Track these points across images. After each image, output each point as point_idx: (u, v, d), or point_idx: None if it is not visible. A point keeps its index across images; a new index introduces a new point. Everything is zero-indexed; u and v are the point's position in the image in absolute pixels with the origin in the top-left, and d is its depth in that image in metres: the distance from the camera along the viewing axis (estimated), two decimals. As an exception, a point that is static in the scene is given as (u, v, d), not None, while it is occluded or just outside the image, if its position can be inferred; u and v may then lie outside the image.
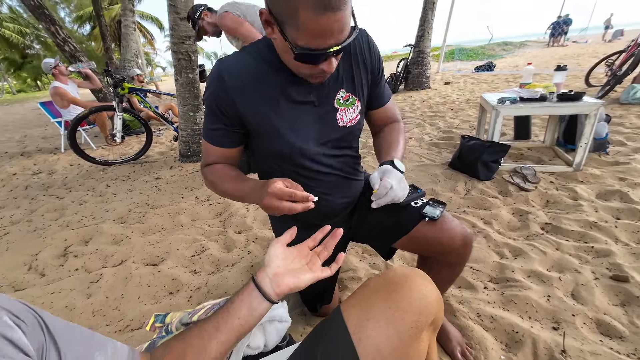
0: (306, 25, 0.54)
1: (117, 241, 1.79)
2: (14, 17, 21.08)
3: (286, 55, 0.65)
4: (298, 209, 0.64)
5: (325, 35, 0.56)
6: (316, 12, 0.52)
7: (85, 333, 0.43)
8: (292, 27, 0.56)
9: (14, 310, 0.36)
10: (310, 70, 0.65)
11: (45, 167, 3.37)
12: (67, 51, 4.71)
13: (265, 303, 0.51)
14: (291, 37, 0.58)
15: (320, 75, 0.67)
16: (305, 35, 0.56)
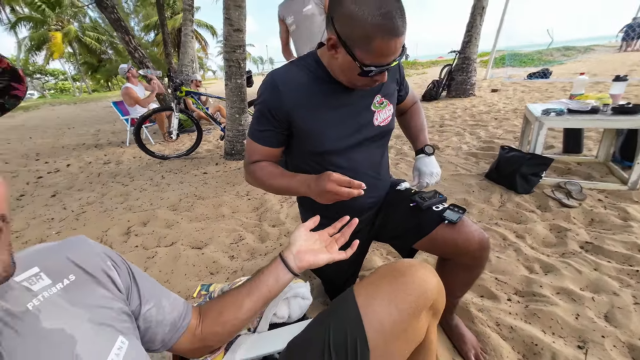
0: (377, 49, 0.68)
1: (169, 225, 2.05)
2: (94, 26, 24.23)
3: (346, 71, 0.77)
4: (354, 193, 0.74)
5: (389, 55, 0.70)
6: (387, 39, 0.66)
7: (155, 282, 0.58)
8: (363, 50, 0.69)
9: (113, 257, 0.52)
10: (367, 82, 0.78)
11: (113, 158, 3.89)
12: (136, 57, 5.36)
13: (288, 275, 0.63)
14: (359, 58, 0.70)
15: (370, 84, 0.80)
16: (374, 56, 0.70)
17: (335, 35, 0.71)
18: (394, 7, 0.64)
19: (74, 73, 33.95)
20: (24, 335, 0.35)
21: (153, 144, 4.44)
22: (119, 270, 0.51)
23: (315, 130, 0.86)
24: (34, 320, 0.37)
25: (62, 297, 0.41)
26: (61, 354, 0.37)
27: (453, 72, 6.22)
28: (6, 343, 0.34)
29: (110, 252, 0.52)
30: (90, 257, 0.48)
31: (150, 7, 19.36)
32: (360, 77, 0.75)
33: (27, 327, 0.36)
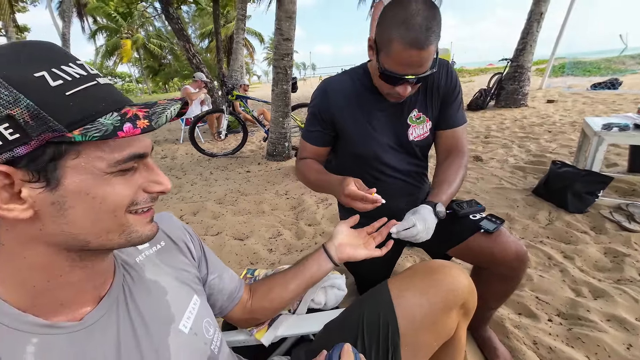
0: (394, 54, 0.73)
1: (215, 216, 2.24)
2: (157, 34, 26.90)
3: (375, 75, 0.85)
4: (368, 208, 0.77)
5: (406, 65, 0.74)
6: (404, 47, 0.71)
7: (217, 257, 0.69)
8: (385, 53, 0.76)
9: (190, 232, 0.63)
10: (388, 89, 0.83)
11: (169, 153, 4.31)
12: (194, 63, 5.88)
13: (330, 264, 0.70)
14: (381, 60, 0.78)
15: (396, 97, 0.84)
16: (391, 61, 0.75)
17: (372, 37, 0.79)
18: (422, 20, 0.68)
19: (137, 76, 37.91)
20: (136, 281, 0.47)
21: (203, 142, 4.83)
22: (194, 242, 0.62)
23: (352, 133, 0.95)
24: (140, 271, 0.49)
25: (157, 257, 0.53)
26: (158, 299, 0.48)
27: (503, 80, 5.89)
28: (128, 284, 0.46)
29: (188, 228, 0.63)
30: (175, 230, 0.59)
31: (207, 16, 21.02)
32: (383, 82, 0.81)
33: (137, 275, 0.48)
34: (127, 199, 0.36)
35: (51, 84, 0.30)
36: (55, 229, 0.33)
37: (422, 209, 0.80)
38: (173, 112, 0.36)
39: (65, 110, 0.30)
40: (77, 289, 0.39)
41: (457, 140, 0.97)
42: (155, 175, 0.40)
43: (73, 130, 0.30)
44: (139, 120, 0.33)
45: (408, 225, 0.76)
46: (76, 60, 0.34)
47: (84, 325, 0.39)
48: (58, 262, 0.36)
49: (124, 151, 0.35)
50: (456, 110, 0.96)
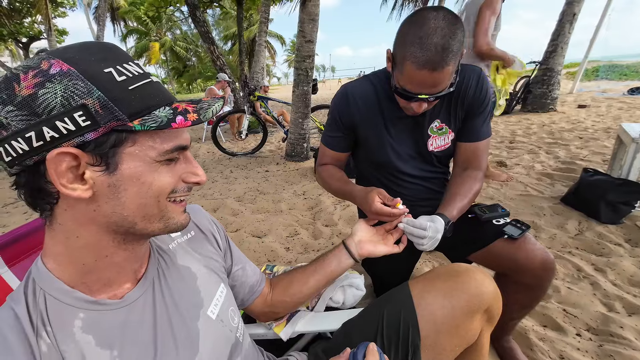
0: (406, 72, 0.73)
1: (235, 214, 2.29)
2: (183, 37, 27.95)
3: (392, 89, 0.84)
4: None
5: (417, 84, 0.73)
6: (417, 67, 0.69)
7: (239, 251, 0.71)
8: (398, 69, 0.76)
9: (217, 224, 0.65)
10: (405, 104, 0.82)
11: (192, 152, 4.26)
12: (218, 64, 6.05)
13: (350, 260, 0.71)
14: (395, 75, 0.78)
15: (411, 112, 0.82)
16: (403, 79, 0.75)
17: (391, 50, 0.78)
18: (439, 40, 0.65)
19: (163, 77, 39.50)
20: (169, 266, 0.50)
21: (224, 142, 4.96)
22: (220, 234, 0.64)
23: (371, 141, 0.95)
24: (173, 257, 0.51)
25: (188, 245, 0.55)
26: (189, 284, 0.50)
27: (531, 84, 5.66)
28: (162, 268, 0.49)
29: (215, 220, 0.66)
30: (204, 220, 0.62)
31: (231, 19, 21.59)
32: (397, 95, 0.80)
33: (170, 261, 0.50)
34: (169, 187, 0.40)
35: (117, 78, 0.34)
36: (108, 210, 0.37)
37: (437, 221, 0.77)
38: (217, 108, 0.40)
39: (128, 102, 0.34)
40: (119, 270, 0.43)
41: (477, 155, 0.92)
42: (193, 167, 0.43)
43: (134, 121, 0.34)
44: (189, 114, 0.37)
45: (419, 226, 0.74)
46: (133, 60, 0.38)
47: (125, 303, 0.42)
48: (106, 242, 0.39)
49: (172, 142, 0.38)
50: (481, 124, 0.90)
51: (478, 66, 0.94)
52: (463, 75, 0.85)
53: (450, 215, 0.82)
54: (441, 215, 0.81)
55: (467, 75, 0.86)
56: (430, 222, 0.77)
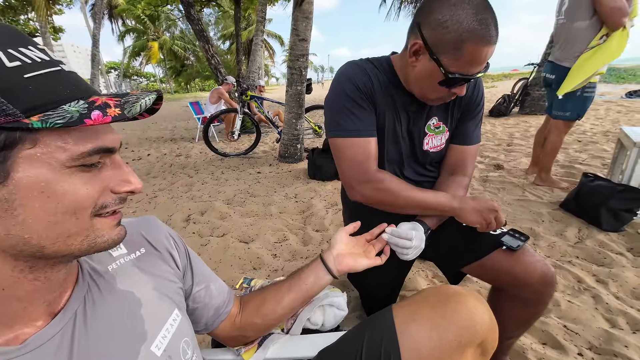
0: (467, 54, 0.65)
1: (223, 217, 2.21)
2: (182, 36, 27.82)
3: (423, 80, 0.72)
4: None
5: (479, 63, 0.67)
6: (480, 45, 0.63)
7: (206, 267, 0.63)
8: (451, 56, 0.66)
9: (176, 238, 0.57)
10: (443, 93, 0.73)
11: (184, 152, 4.36)
12: (212, 64, 5.97)
13: (328, 276, 0.63)
14: (445, 63, 0.67)
15: (444, 99, 0.75)
16: (461, 63, 0.66)
17: (421, 40, 0.69)
18: (490, 15, 0.63)
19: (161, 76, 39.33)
20: (104, 292, 0.41)
21: (217, 142, 4.87)
22: (179, 250, 0.56)
23: (385, 128, 0.82)
24: (112, 281, 0.43)
25: (134, 265, 0.47)
26: (131, 313, 0.42)
27: (529, 86, 5.61)
28: (92, 296, 0.40)
29: (173, 234, 0.58)
30: (158, 236, 0.53)
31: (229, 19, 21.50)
32: (438, 87, 0.71)
33: (106, 285, 0.42)
34: (89, 199, 0.32)
35: (7, 64, 0.27)
36: (1, 231, 0.29)
37: (419, 228, 0.75)
38: (148, 102, 0.33)
39: (23, 93, 0.27)
40: (26, 304, 0.34)
41: (465, 160, 0.88)
42: (123, 173, 0.36)
43: (31, 117, 0.27)
44: (110, 108, 0.30)
45: (405, 236, 0.71)
46: (37, 45, 0.31)
47: (27, 349, 0.33)
48: (2, 272, 0.31)
49: (90, 143, 0.31)
50: (474, 128, 0.87)
51: None
52: None
53: (430, 223, 0.80)
54: (421, 223, 0.79)
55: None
56: (414, 230, 0.74)
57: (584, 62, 1.91)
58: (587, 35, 1.88)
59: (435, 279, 1.42)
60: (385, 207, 0.81)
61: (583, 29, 1.90)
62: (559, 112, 2.15)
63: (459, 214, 0.78)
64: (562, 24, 2.05)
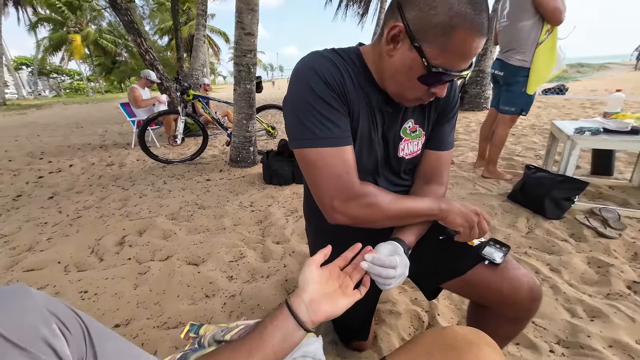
0: (456, 44, 0.54)
1: (166, 236, 1.91)
2: (110, 29, 24.88)
3: (400, 74, 0.60)
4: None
5: (467, 57, 0.56)
6: (474, 34, 0.53)
7: (122, 345, 0.43)
8: (437, 45, 0.54)
9: (62, 317, 0.37)
10: (421, 92, 0.62)
11: (117, 160, 3.80)
12: (147, 60, 5.34)
13: (300, 331, 0.48)
14: (428, 54, 0.55)
15: (423, 99, 0.65)
16: (448, 54, 0.55)
17: (402, 22, 0.56)
18: (485, 1, 0.54)
19: (89, 74, 34.80)
20: None
21: (158, 147, 4.35)
22: (68, 336, 0.36)
23: (359, 131, 0.69)
24: None
25: None
26: None
27: (467, 85, 6.08)
28: None
29: (59, 308, 0.37)
30: (25, 322, 0.33)
31: (167, 12, 19.82)
32: (417, 84, 0.59)
33: None
34: None
35: None
36: None
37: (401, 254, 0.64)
38: None
39: None
40: None
41: (440, 167, 0.79)
42: None
43: None
44: None
45: (389, 265, 0.58)
46: None
47: None
48: None
49: None
50: (449, 132, 0.79)
51: None
52: None
53: (409, 241, 0.69)
54: (399, 241, 0.67)
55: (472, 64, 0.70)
56: (395, 253, 0.63)
57: (541, 59, 2.10)
58: (533, 32, 2.06)
59: (407, 285, 1.36)
60: (371, 225, 0.68)
61: (528, 28, 2.07)
62: (506, 107, 2.29)
63: (445, 216, 0.69)
64: (506, 26, 2.19)
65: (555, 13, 1.94)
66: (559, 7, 1.93)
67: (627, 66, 15.57)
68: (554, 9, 1.93)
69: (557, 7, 1.93)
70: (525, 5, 2.02)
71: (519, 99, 2.22)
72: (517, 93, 2.22)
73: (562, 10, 1.94)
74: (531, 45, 2.09)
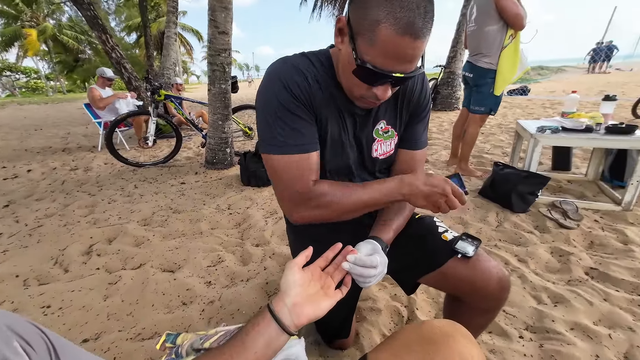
0: (381, 42, 0.52)
1: (138, 243, 1.82)
2: (71, 25, 23.29)
3: (345, 70, 0.61)
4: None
5: (394, 57, 0.54)
6: (397, 32, 0.51)
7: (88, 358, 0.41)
8: (366, 39, 0.54)
9: (25, 335, 0.34)
10: (363, 91, 0.62)
11: (82, 164, 3.57)
12: (114, 57, 5.06)
13: (283, 336, 0.48)
14: (360, 49, 0.55)
15: (369, 101, 0.64)
16: (375, 51, 0.54)
17: (345, 16, 0.57)
18: (424, 2, 0.51)
19: (48, 72, 32.36)
20: None
21: (128, 150, 4.14)
22: (32, 354, 0.33)
23: (329, 135, 0.71)
24: None
25: None
26: None
27: (439, 86, 6.31)
28: None
29: (20, 325, 0.34)
30: None
31: (134, 8, 18.85)
32: (357, 81, 0.60)
33: None
34: None
35: None
36: None
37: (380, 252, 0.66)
38: None
39: None
40: None
41: (415, 165, 0.82)
42: None
43: None
44: None
45: (370, 264, 0.60)
46: None
47: None
48: None
49: None
50: (422, 131, 0.81)
51: None
52: None
53: (387, 238, 0.72)
54: (377, 240, 0.69)
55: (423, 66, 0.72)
56: (375, 252, 0.65)
57: (506, 62, 2.22)
58: (498, 36, 2.19)
59: (386, 282, 1.39)
60: (335, 220, 0.70)
61: (494, 32, 2.19)
62: (476, 107, 2.41)
63: (408, 200, 0.67)
64: (473, 30, 2.30)
65: (517, 19, 2.07)
66: (520, 14, 2.07)
67: (581, 69, 16.90)
68: (516, 15, 2.07)
69: (518, 14, 2.06)
70: (490, 11, 2.14)
71: (487, 99, 2.35)
72: (485, 94, 2.34)
73: (523, 16, 2.08)
74: (497, 49, 2.22)
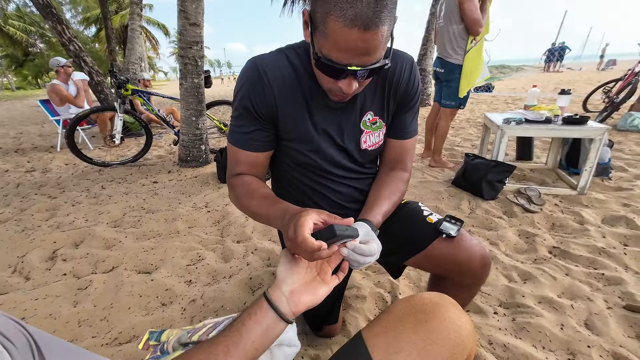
0: (331, 34, 0.52)
1: (109, 246, 1.71)
2: (19, 15, 21.24)
3: (312, 63, 0.64)
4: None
5: (346, 50, 0.53)
6: (344, 24, 0.50)
7: (72, 350, 0.38)
8: (321, 32, 0.54)
9: (4, 330, 0.31)
10: (330, 84, 0.63)
11: (39, 165, 3.29)
12: (71, 50, 4.69)
13: (281, 324, 0.47)
14: (317, 43, 0.56)
15: (339, 94, 0.64)
16: (329, 44, 0.54)
17: (308, 9, 0.58)
18: None
19: (-8, 67, 29.29)
20: None
21: (92, 149, 3.87)
22: (12, 350, 0.31)
23: (294, 133, 0.74)
24: None
25: None
26: None
27: (411, 82, 6.51)
28: None
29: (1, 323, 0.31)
30: None
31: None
32: (321, 74, 0.61)
33: None
34: None
35: None
36: None
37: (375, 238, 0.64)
38: None
39: None
40: None
41: (404, 155, 0.84)
42: None
43: None
44: None
45: (368, 253, 0.58)
46: None
47: None
48: None
49: None
50: (411, 120, 0.82)
51: None
52: (396, 61, 0.73)
53: (376, 221, 0.72)
54: (367, 222, 0.69)
55: (400, 62, 0.74)
56: (369, 237, 0.64)
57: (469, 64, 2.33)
58: (462, 35, 2.29)
59: (369, 270, 1.42)
60: (252, 218, 0.76)
61: (460, 30, 2.29)
62: (447, 102, 2.52)
63: None
64: (442, 26, 2.39)
65: (474, 24, 2.18)
66: (479, 20, 2.17)
67: (537, 68, 18.21)
68: (473, 20, 2.17)
69: (476, 19, 2.17)
70: (455, 10, 2.25)
71: (457, 94, 2.46)
72: (455, 89, 2.45)
73: (481, 24, 2.19)
74: (463, 47, 2.33)
